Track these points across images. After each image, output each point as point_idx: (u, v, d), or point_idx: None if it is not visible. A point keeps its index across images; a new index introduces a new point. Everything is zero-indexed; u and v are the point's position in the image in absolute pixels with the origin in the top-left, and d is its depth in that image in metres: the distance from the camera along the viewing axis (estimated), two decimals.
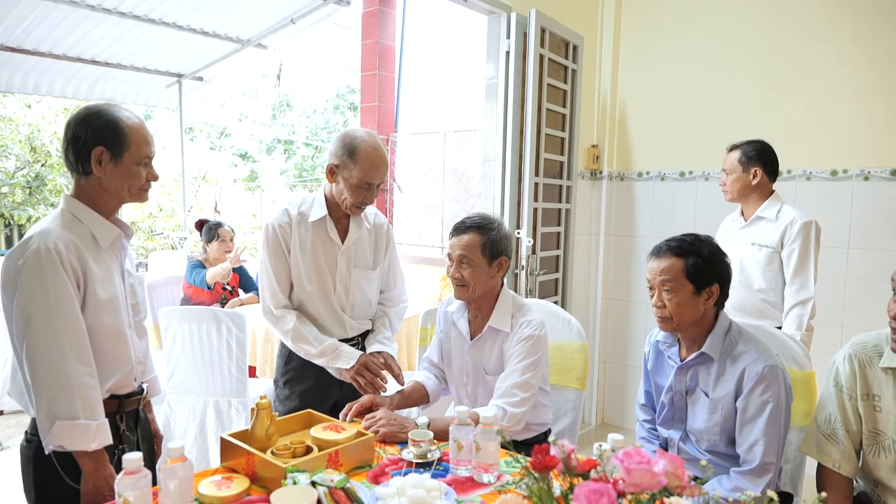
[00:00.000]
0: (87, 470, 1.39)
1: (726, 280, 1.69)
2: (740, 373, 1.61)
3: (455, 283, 1.89)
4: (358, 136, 1.88)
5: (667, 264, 1.66)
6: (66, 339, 1.35)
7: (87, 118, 1.44)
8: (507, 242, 1.90)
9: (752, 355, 1.61)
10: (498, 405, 1.77)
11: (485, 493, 1.38)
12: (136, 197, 1.51)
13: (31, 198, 10.05)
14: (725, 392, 1.64)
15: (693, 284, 1.64)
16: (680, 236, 1.71)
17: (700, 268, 1.63)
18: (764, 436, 1.57)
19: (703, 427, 1.70)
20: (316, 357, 1.94)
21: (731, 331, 1.70)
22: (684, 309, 1.65)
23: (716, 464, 1.70)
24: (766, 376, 1.57)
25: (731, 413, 1.65)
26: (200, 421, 2.83)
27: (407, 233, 6.00)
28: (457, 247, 1.87)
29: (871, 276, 3.00)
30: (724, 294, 1.70)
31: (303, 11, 4.89)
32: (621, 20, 3.77)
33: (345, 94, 14.28)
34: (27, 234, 1.39)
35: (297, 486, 1.25)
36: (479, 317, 1.95)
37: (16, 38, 4.80)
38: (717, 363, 1.67)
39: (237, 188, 13.62)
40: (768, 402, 1.57)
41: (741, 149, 2.58)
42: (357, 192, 1.88)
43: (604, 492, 0.84)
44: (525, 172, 3.02)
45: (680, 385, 1.76)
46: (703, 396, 1.70)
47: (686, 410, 1.76)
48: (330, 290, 2.00)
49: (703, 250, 1.66)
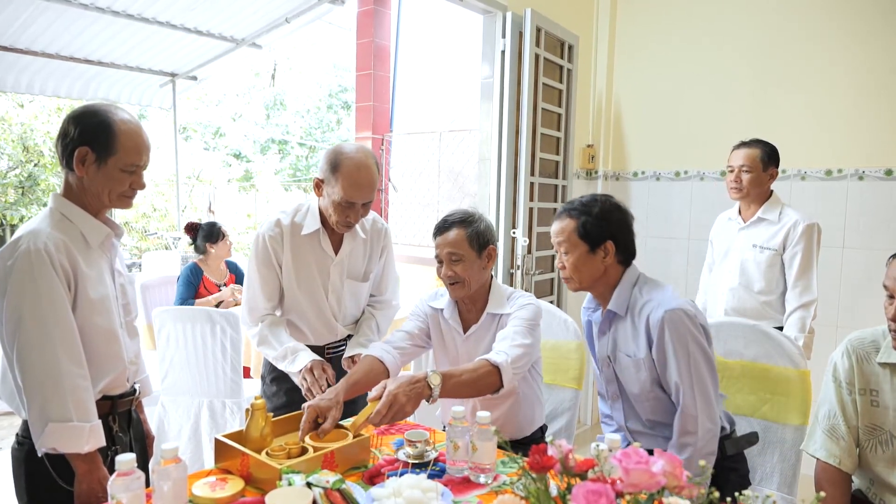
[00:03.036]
0: (81, 472, 1.37)
1: (621, 236, 1.69)
2: (646, 323, 1.62)
3: (448, 281, 1.86)
4: (345, 152, 1.80)
5: (561, 226, 1.70)
6: (57, 340, 1.33)
7: (81, 116, 1.42)
8: (491, 232, 1.89)
9: (654, 303, 1.62)
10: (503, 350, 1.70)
11: (481, 493, 1.38)
12: (117, 203, 1.47)
13: (23, 198, 9.98)
14: (643, 348, 1.64)
15: (586, 243, 1.66)
16: (578, 198, 1.73)
17: (590, 227, 1.66)
18: (681, 379, 1.57)
19: (637, 391, 1.69)
20: (277, 361, 1.92)
21: (637, 284, 1.70)
22: (582, 268, 1.68)
23: (665, 437, 1.68)
24: (667, 320, 1.57)
25: (653, 367, 1.64)
26: (195, 422, 2.82)
27: (402, 233, 6.00)
28: (444, 245, 1.84)
29: (866, 276, 3.02)
30: (626, 251, 1.70)
31: (297, 11, 4.88)
32: (616, 20, 3.77)
33: (338, 93, 14.25)
34: (16, 235, 1.37)
35: (292, 487, 1.24)
36: (472, 310, 1.92)
37: (9, 37, 4.78)
38: (628, 320, 1.68)
39: (231, 188, 13.56)
40: (675, 344, 1.57)
41: (761, 147, 2.51)
42: (340, 210, 1.82)
43: (602, 492, 0.83)
44: (521, 172, 3.02)
45: (603, 350, 1.76)
46: (626, 357, 1.69)
47: (617, 382, 1.75)
48: (322, 300, 1.98)
49: (593, 210, 1.67)
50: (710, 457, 1.60)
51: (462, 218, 1.85)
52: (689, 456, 1.57)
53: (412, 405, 1.51)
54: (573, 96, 3.39)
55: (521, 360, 1.70)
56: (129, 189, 1.48)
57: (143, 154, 1.47)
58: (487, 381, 1.64)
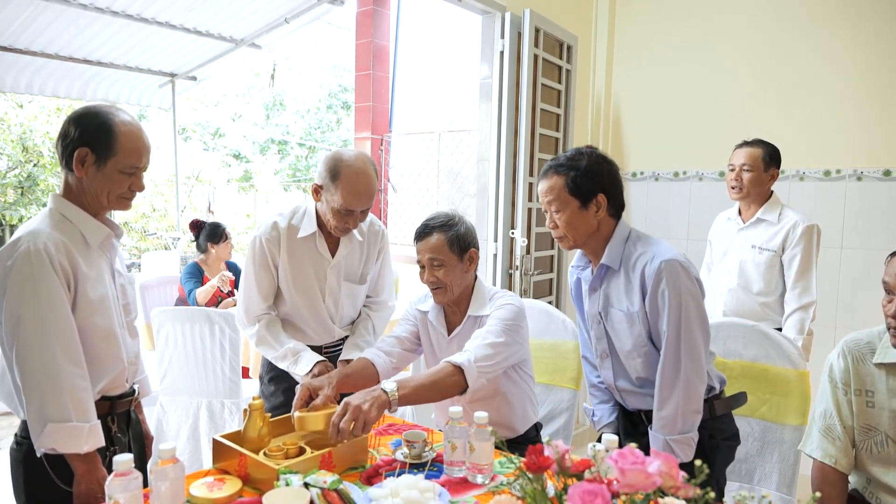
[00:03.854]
0: (80, 472, 1.37)
1: (611, 188, 1.64)
2: (640, 275, 1.59)
3: (431, 286, 1.87)
4: (344, 159, 1.80)
5: (549, 184, 1.65)
6: (56, 340, 1.33)
7: (82, 117, 1.42)
8: (472, 235, 1.88)
9: (649, 255, 1.59)
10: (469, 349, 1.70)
11: (479, 493, 1.38)
12: (116, 204, 1.48)
13: (22, 198, 9.98)
14: (637, 300, 1.61)
15: (577, 199, 1.62)
16: (563, 153, 1.69)
17: (580, 181, 1.61)
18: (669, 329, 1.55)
19: (630, 347, 1.65)
20: (278, 361, 1.94)
21: (629, 238, 1.67)
22: (575, 225, 1.64)
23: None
24: (664, 270, 1.55)
25: (646, 320, 1.61)
26: (193, 422, 2.82)
27: (401, 233, 6.00)
28: (425, 251, 1.84)
29: (865, 276, 3.02)
30: (617, 203, 1.66)
31: (296, 11, 4.88)
32: (615, 21, 3.77)
33: (338, 93, 14.25)
34: (16, 235, 1.37)
35: (289, 487, 1.24)
36: (457, 312, 1.93)
37: (8, 37, 4.78)
38: (622, 273, 1.64)
39: (231, 188, 13.56)
40: (669, 294, 1.54)
41: (763, 147, 2.50)
42: (339, 216, 1.83)
43: (598, 492, 0.83)
44: (519, 172, 3.02)
45: (594, 307, 1.73)
46: (619, 312, 1.66)
47: (608, 338, 1.72)
48: (319, 302, 1.98)
49: (580, 164, 1.62)
50: (696, 415, 1.57)
51: (442, 222, 1.85)
52: (673, 412, 1.55)
53: (376, 410, 1.50)
54: (572, 97, 3.39)
55: (490, 359, 1.68)
56: (128, 191, 1.48)
57: (142, 156, 1.47)
58: (450, 382, 1.63)
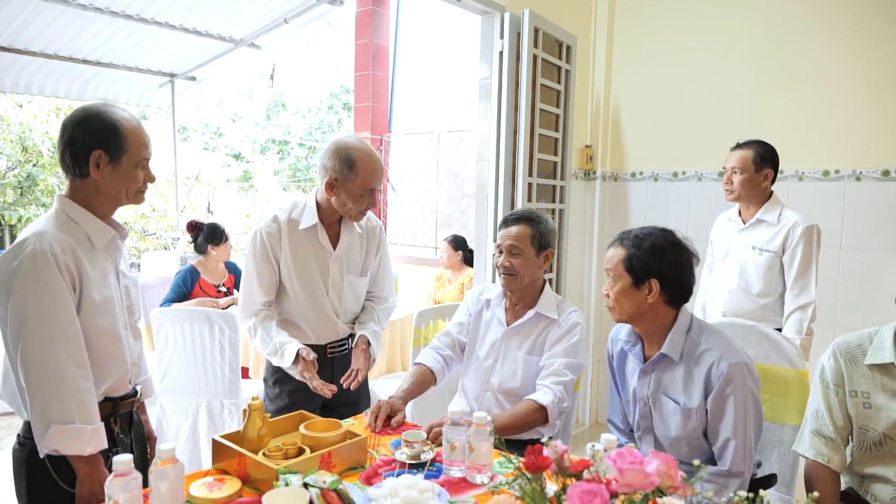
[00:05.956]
0: (83, 474, 1.37)
1: (669, 276, 1.61)
2: (706, 374, 1.58)
3: (504, 272, 1.95)
4: (351, 145, 1.88)
5: (612, 253, 1.68)
6: (61, 341, 1.33)
7: (86, 120, 1.42)
8: (553, 236, 1.98)
9: (716, 354, 1.58)
10: (548, 386, 1.86)
11: (478, 493, 1.38)
12: (133, 199, 1.51)
13: (22, 198, 9.99)
14: (697, 397, 1.60)
15: (630, 276, 1.63)
16: (638, 228, 1.69)
17: (636, 261, 1.61)
18: (734, 436, 1.55)
19: (679, 434, 1.65)
20: (271, 357, 1.95)
21: (692, 329, 1.65)
22: (623, 300, 1.64)
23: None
24: (733, 374, 1.54)
25: (705, 417, 1.61)
26: (193, 422, 2.82)
27: (401, 233, 6.00)
28: (507, 237, 1.94)
29: (864, 276, 3.02)
30: (675, 292, 1.63)
31: (296, 11, 4.88)
32: (615, 21, 3.77)
33: (339, 93, 14.25)
34: (21, 236, 1.37)
35: (289, 487, 1.25)
36: (519, 305, 2.01)
37: (7, 37, 4.78)
38: (682, 366, 1.64)
39: (230, 188, 13.56)
40: (736, 400, 1.54)
41: (754, 148, 2.50)
42: (361, 200, 1.90)
43: (596, 492, 0.84)
44: (518, 172, 3.02)
45: (643, 390, 1.72)
46: (673, 403, 1.65)
47: (651, 419, 1.71)
48: (322, 296, 1.99)
49: (643, 244, 1.62)
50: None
51: (529, 215, 1.97)
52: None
53: None
54: (571, 97, 3.40)
55: (566, 399, 1.86)
56: (143, 184, 1.51)
57: (149, 146, 1.50)
58: (533, 420, 1.83)
